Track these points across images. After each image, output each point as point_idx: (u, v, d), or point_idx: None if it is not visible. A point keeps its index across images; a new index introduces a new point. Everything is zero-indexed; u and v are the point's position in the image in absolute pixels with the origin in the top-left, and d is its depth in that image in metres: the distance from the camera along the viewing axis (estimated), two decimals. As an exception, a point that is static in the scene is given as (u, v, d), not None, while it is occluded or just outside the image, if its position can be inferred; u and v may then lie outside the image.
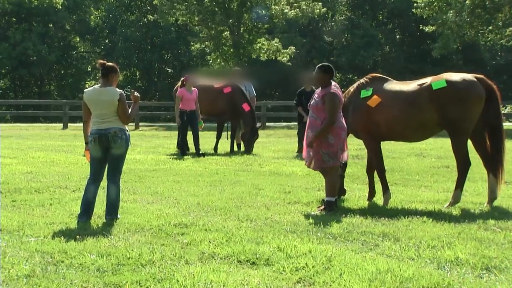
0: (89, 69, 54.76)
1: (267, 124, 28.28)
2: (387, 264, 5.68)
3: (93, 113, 7.70)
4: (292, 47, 38.53)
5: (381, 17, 57.92)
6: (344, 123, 8.41)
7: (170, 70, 54.63)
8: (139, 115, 29.60)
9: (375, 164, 9.12)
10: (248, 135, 16.25)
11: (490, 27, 33.86)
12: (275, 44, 37.57)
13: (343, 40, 55.42)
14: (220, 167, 13.21)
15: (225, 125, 17.26)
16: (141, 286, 5.25)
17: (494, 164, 8.66)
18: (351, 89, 9.16)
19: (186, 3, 36.77)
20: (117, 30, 53.94)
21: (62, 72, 53.99)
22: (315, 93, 8.55)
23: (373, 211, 8.16)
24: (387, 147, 14.28)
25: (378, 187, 9.11)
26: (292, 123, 32.48)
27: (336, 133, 8.28)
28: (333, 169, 8.36)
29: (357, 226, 7.28)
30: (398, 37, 55.98)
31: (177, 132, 17.76)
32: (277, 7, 36.60)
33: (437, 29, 34.88)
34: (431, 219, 7.61)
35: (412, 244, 6.45)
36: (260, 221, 7.62)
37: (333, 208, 8.25)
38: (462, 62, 49.97)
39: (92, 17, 55.50)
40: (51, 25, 51.41)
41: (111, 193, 7.66)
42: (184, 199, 9.09)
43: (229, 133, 16.91)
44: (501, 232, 6.97)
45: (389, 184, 9.14)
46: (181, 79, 16.17)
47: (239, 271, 5.56)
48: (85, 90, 7.85)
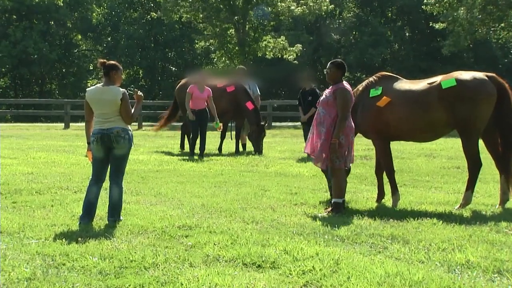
0: (91, 68, 54.48)
1: (273, 123, 28.20)
2: (396, 267, 5.61)
3: (95, 112, 7.63)
4: (298, 45, 38.37)
5: (390, 14, 57.70)
6: (352, 123, 8.31)
7: (174, 68, 54.44)
8: (142, 114, 29.59)
9: (384, 165, 9.04)
10: (255, 134, 16.13)
11: (502, 24, 33.73)
12: (281, 42, 37.41)
13: (351, 37, 55.27)
14: (225, 167, 13.18)
15: (229, 125, 17.17)
16: (144, 290, 5.20)
17: (506, 165, 8.57)
18: (360, 88, 9.10)
19: (190, 0, 36.68)
20: (120, 27, 53.64)
21: (64, 70, 53.77)
22: (326, 90, 8.50)
23: (381, 213, 8.10)
24: (396, 147, 14.23)
25: (387, 188, 9.05)
26: (299, 123, 32.39)
27: (346, 133, 8.23)
28: (340, 170, 8.28)
29: (366, 228, 7.23)
30: (407, 34, 55.70)
31: (180, 132, 17.65)
32: (283, 4, 36.42)
33: (447, 26, 34.75)
34: (441, 221, 7.55)
35: (421, 246, 6.40)
36: (266, 223, 7.57)
37: (340, 209, 8.20)
38: (473, 60, 49.76)
39: (94, 14, 55.34)
40: (52, 23, 51.20)
41: (113, 194, 7.59)
42: (188, 201, 9.04)
43: (233, 133, 16.81)
44: (513, 235, 6.90)
45: (398, 185, 9.10)
46: (183, 78, 16.04)
47: (244, 274, 5.50)
48: (87, 89, 7.79)
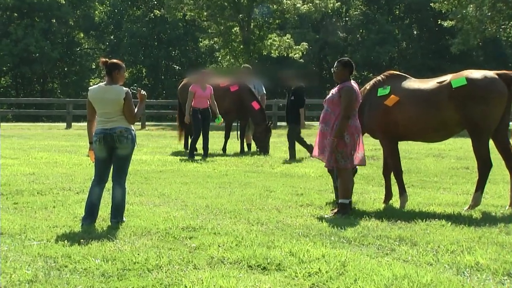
0: (94, 67, 54.25)
1: (278, 123, 28.10)
2: (404, 269, 5.57)
3: (98, 112, 7.58)
4: (304, 43, 38.22)
5: (397, 12, 57.57)
6: (358, 123, 8.23)
7: (177, 67, 54.31)
8: (145, 114, 29.61)
9: (392, 165, 8.98)
10: (261, 134, 16.04)
11: (512, 22, 33.60)
12: (286, 40, 37.26)
13: (357, 36, 55.17)
14: (229, 168, 13.14)
15: (234, 124, 17.10)
16: (147, 292, 5.18)
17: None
18: (367, 87, 9.03)
19: (194, -2, 36.58)
20: (123, 25, 53.56)
21: (66, 69, 53.71)
22: (333, 88, 8.46)
23: (389, 214, 8.04)
24: (404, 147, 14.18)
25: (395, 189, 8.99)
26: (305, 122, 32.32)
27: (351, 133, 8.16)
28: (346, 170, 8.22)
29: (373, 230, 7.18)
30: (415, 32, 55.56)
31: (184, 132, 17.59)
32: (289, 1, 36.28)
33: (456, 24, 34.62)
34: (450, 223, 7.50)
35: (430, 248, 6.35)
36: (271, 224, 7.52)
37: (347, 210, 8.14)
38: (482, 58, 49.63)
39: (96, 12, 55.25)
40: (54, 21, 51.04)
41: (116, 195, 7.55)
42: (192, 202, 9.00)
43: (239, 133, 16.74)
44: (523, 236, 6.86)
45: (406, 186, 9.03)
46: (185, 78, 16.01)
47: (249, 277, 5.46)
48: (89, 88, 7.74)
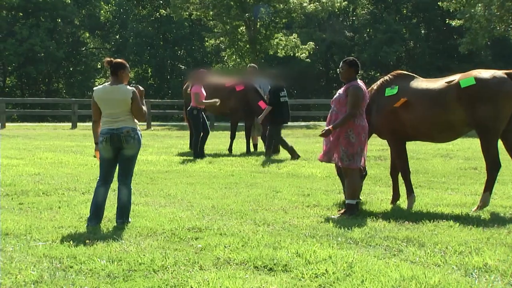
0: (99, 66, 54.10)
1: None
2: (411, 270, 5.55)
3: (103, 112, 7.56)
4: (311, 42, 38.12)
5: (405, 11, 57.32)
6: (365, 123, 8.17)
7: (183, 67, 54.06)
8: (150, 114, 29.55)
9: (400, 166, 8.93)
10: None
11: (521, 21, 33.40)
12: (293, 40, 37.15)
13: (364, 35, 55.03)
14: (235, 168, 13.11)
15: (241, 124, 17.06)
16: (153, 293, 5.17)
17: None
18: (374, 87, 8.98)
19: (200, -3, 36.52)
20: (128, 25, 53.36)
21: (71, 69, 53.61)
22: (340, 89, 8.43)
23: (396, 215, 8.01)
24: (411, 147, 14.14)
25: (402, 189, 8.96)
26: (311, 123, 32.37)
27: (357, 132, 8.10)
28: (352, 170, 8.17)
29: (380, 231, 7.14)
30: (423, 32, 55.25)
31: (189, 132, 17.57)
32: (295, 0, 36.18)
33: (464, 23, 34.43)
34: (458, 224, 7.47)
35: (438, 249, 6.32)
36: (277, 225, 7.50)
37: (354, 211, 8.10)
38: (491, 58, 49.32)
39: (102, 11, 55.10)
40: (59, 20, 50.86)
41: (122, 195, 7.54)
42: (198, 202, 8.99)
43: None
44: (532, 237, 6.81)
45: (413, 187, 8.98)
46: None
47: (255, 278, 5.45)
48: (94, 89, 7.72)
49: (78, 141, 20.05)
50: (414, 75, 8.98)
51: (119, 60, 7.64)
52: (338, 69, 8.47)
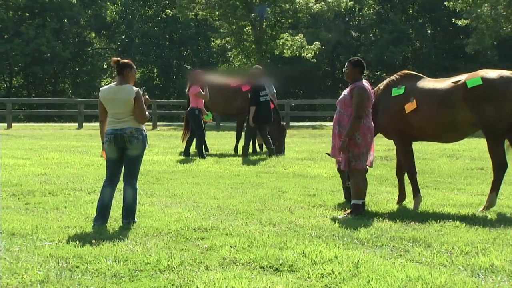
0: (105, 66, 54.24)
1: (291, 123, 28.05)
2: (417, 271, 5.53)
3: (109, 112, 7.57)
4: (317, 42, 38.04)
5: (411, 11, 57.15)
6: (371, 123, 8.15)
7: (189, 67, 54.08)
8: (156, 114, 29.60)
9: (406, 166, 8.90)
10: (276, 134, 15.97)
11: (528, 21, 33.20)
12: (299, 40, 37.06)
13: (371, 35, 54.88)
14: (241, 168, 13.10)
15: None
16: (159, 293, 5.16)
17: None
18: (381, 87, 8.95)
19: (206, -3, 36.48)
20: (134, 25, 53.36)
21: (77, 69, 53.71)
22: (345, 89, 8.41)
23: (402, 215, 7.99)
24: (417, 147, 14.09)
25: (408, 190, 8.93)
26: (317, 123, 32.30)
27: (363, 133, 8.10)
28: (358, 171, 8.16)
29: (386, 231, 7.12)
30: (429, 32, 55.04)
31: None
32: (301, 0, 36.13)
33: (470, 23, 34.28)
34: (464, 224, 7.45)
35: (444, 250, 6.30)
36: (283, 225, 7.48)
37: (360, 211, 8.08)
38: (497, 58, 49.08)
39: (108, 12, 55.14)
40: (65, 21, 50.99)
41: (127, 195, 7.53)
42: (204, 202, 8.97)
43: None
44: (539, 238, 6.78)
45: (420, 187, 8.95)
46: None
47: (261, 278, 5.43)
48: (101, 89, 7.72)
49: (84, 141, 20.06)
50: (421, 75, 8.95)
51: (125, 60, 7.64)
52: (343, 69, 8.46)
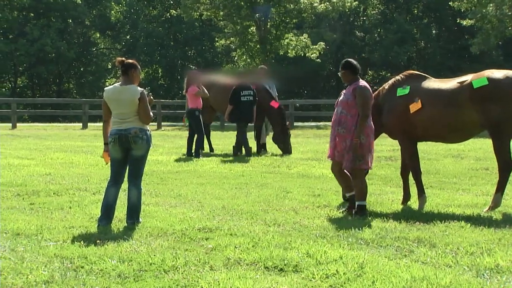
0: (110, 67, 54.32)
1: (295, 123, 28.02)
2: (422, 271, 5.52)
3: (113, 112, 7.56)
4: (321, 43, 38.02)
5: (416, 11, 57.05)
6: (372, 124, 8.15)
7: (194, 67, 54.16)
8: (161, 114, 29.60)
9: (410, 166, 8.88)
10: (282, 134, 15.93)
11: (533, 21, 33.13)
12: (303, 40, 37.03)
13: (375, 35, 54.79)
14: (246, 169, 13.09)
15: (250, 125, 17.04)
16: (163, 293, 5.15)
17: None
18: (386, 86, 8.92)
19: (211, -3, 36.48)
20: (139, 25, 53.44)
21: (82, 69, 53.79)
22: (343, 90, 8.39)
23: (407, 216, 7.97)
24: (422, 148, 14.05)
25: (413, 190, 8.90)
26: (322, 123, 32.26)
27: (367, 133, 8.11)
28: (361, 171, 8.18)
29: (391, 231, 7.10)
30: (434, 32, 54.95)
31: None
32: (306, 0, 36.09)
33: (475, 23, 34.18)
34: (469, 224, 7.42)
35: (449, 250, 6.28)
36: (288, 225, 7.47)
37: (364, 212, 8.07)
38: (502, 58, 48.96)
39: (112, 12, 55.23)
40: (70, 21, 51.10)
41: (132, 196, 7.53)
42: (209, 202, 8.96)
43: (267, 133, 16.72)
44: (544, 238, 6.75)
45: (424, 187, 8.93)
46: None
47: (266, 278, 5.42)
48: (105, 89, 7.72)
49: (89, 141, 20.08)
50: (426, 75, 8.92)
51: (130, 60, 7.64)
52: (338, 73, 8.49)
